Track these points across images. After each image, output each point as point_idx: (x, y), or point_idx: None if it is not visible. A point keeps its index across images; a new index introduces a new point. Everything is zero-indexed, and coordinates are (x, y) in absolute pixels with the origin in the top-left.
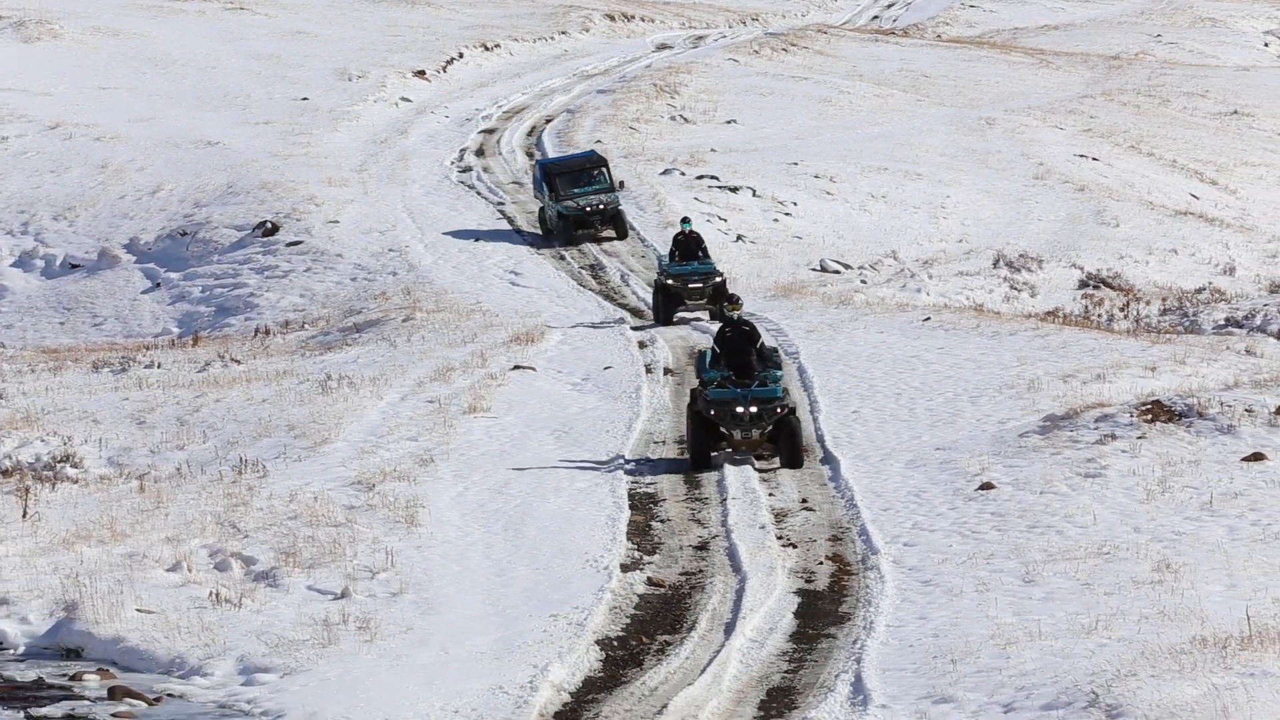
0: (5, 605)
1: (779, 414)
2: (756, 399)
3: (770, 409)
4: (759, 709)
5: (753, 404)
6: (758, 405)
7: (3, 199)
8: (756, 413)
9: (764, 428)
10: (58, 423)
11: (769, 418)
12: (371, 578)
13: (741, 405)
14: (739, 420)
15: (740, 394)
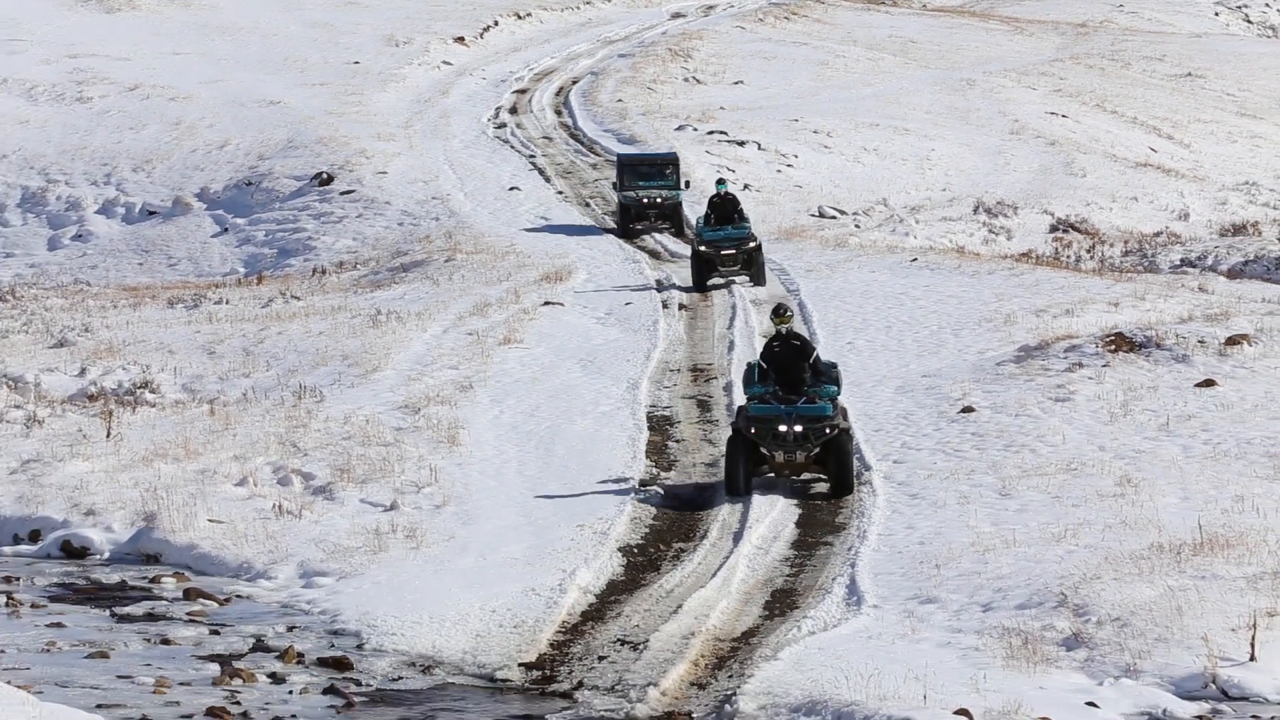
0: (92, 516)
1: (827, 434)
2: (802, 417)
3: (818, 429)
4: (764, 609)
5: (797, 422)
6: (803, 424)
7: (88, 153)
8: (801, 432)
9: (810, 449)
10: (137, 353)
11: (815, 438)
12: (417, 492)
13: (785, 423)
14: (781, 440)
15: (784, 411)
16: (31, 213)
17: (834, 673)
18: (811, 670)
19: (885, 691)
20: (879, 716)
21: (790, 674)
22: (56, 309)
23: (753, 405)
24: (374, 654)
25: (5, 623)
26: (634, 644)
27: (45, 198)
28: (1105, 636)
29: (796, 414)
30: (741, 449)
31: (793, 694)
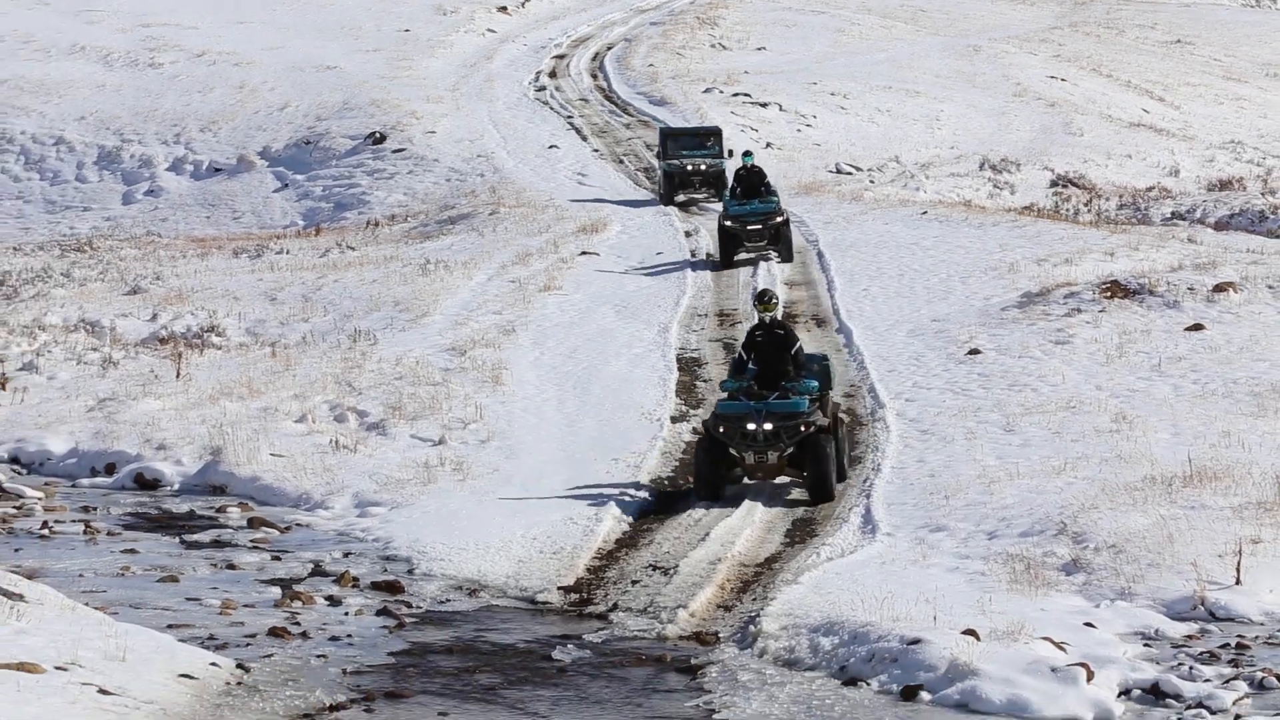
0: (163, 450)
1: (802, 433)
2: (773, 414)
3: (791, 427)
4: (785, 536)
5: (767, 420)
6: (774, 422)
7: (159, 115)
8: (772, 431)
9: (782, 450)
10: (205, 299)
11: (788, 438)
12: (464, 428)
13: (754, 421)
14: (750, 440)
15: (753, 408)
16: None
17: (850, 596)
18: (830, 593)
19: (898, 613)
20: (892, 636)
21: (810, 597)
22: (130, 259)
23: (721, 403)
24: (423, 578)
25: (84, 549)
26: (664, 569)
27: (120, 156)
28: (1102, 562)
29: (767, 410)
30: (711, 451)
31: (812, 615)
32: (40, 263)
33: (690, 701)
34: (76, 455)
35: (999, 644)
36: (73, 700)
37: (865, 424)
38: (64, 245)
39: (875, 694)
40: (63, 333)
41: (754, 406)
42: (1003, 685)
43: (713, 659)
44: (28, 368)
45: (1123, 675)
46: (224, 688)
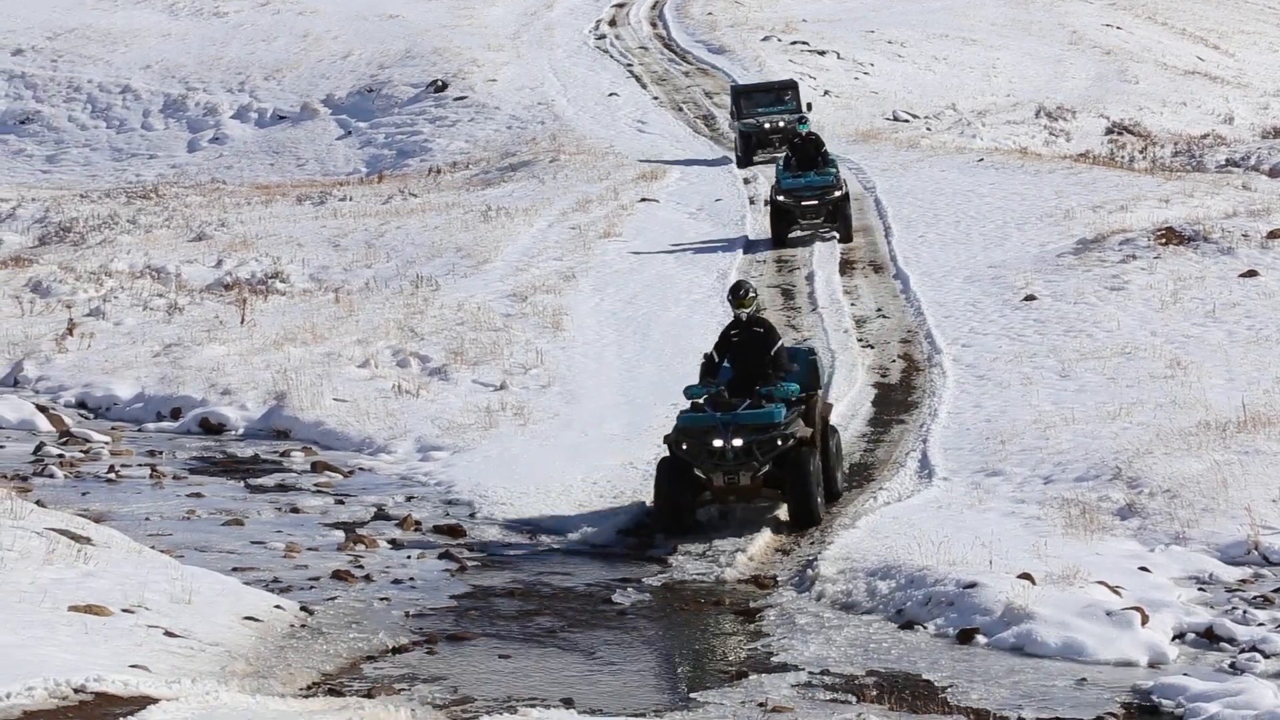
0: (228, 395)
1: (778, 448)
2: (742, 427)
3: (765, 441)
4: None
5: (737, 434)
6: (745, 436)
7: (224, 63)
8: (742, 447)
9: (756, 469)
10: (269, 246)
11: (763, 454)
12: (524, 373)
13: (720, 437)
14: (717, 458)
15: (720, 420)
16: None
17: (907, 540)
18: (886, 537)
19: (954, 557)
20: (948, 580)
21: (867, 541)
22: (195, 206)
23: (682, 414)
24: (485, 522)
25: (150, 493)
26: (723, 514)
27: (185, 104)
28: (1156, 507)
29: (735, 423)
30: (672, 473)
31: (869, 559)
32: (107, 210)
33: (748, 645)
34: (143, 400)
35: (1054, 588)
36: (139, 642)
37: (921, 369)
38: (130, 192)
39: (932, 637)
40: (129, 279)
41: (721, 418)
42: (1058, 629)
43: (771, 602)
44: (95, 314)
45: (1177, 619)
46: (288, 630)
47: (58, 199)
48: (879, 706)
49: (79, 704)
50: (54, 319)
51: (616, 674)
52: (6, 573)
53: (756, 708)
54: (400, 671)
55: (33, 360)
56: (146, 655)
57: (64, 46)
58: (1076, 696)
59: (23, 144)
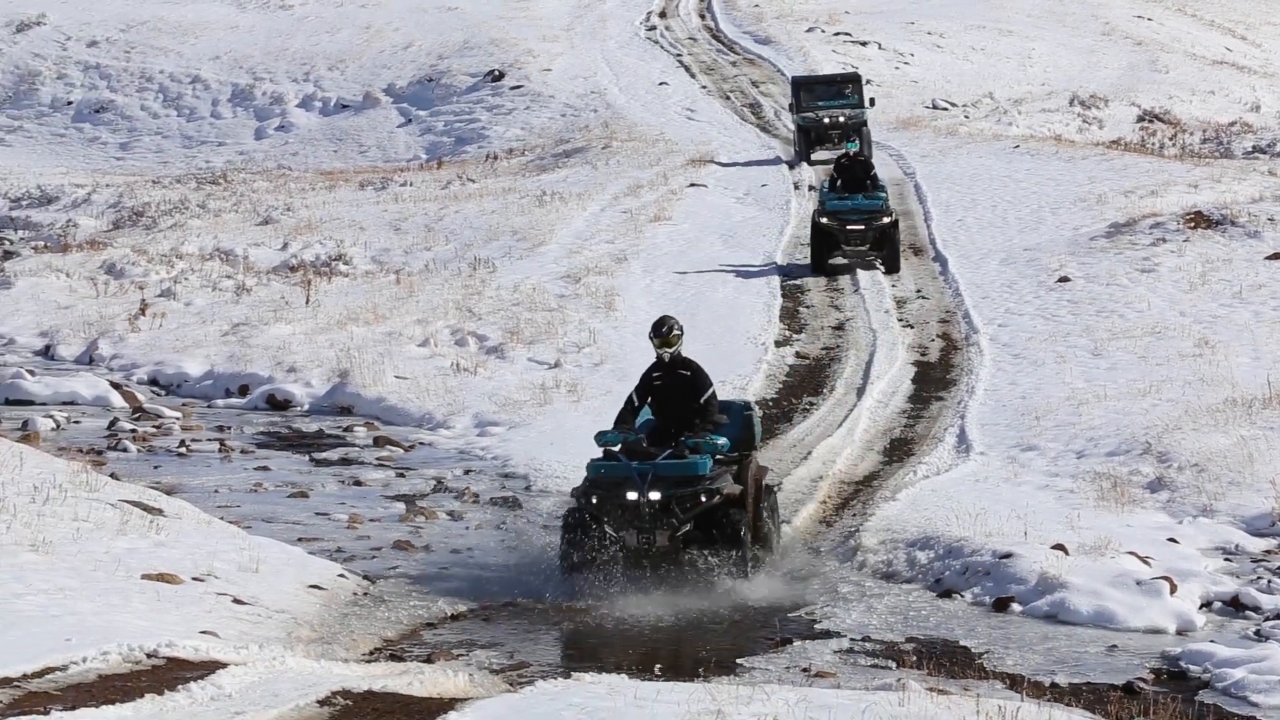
0: (294, 372)
1: (701, 505)
2: (661, 479)
3: (687, 496)
4: (883, 455)
5: (654, 487)
6: (663, 490)
7: (289, 54)
8: (661, 503)
9: (674, 529)
10: (332, 229)
11: (685, 510)
12: (578, 351)
13: (635, 489)
14: (630, 514)
15: (636, 470)
16: (240, 107)
17: (945, 512)
18: (925, 509)
19: (991, 529)
20: (985, 550)
21: (907, 513)
22: (262, 191)
23: (593, 462)
24: (540, 494)
25: (219, 466)
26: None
27: (252, 94)
28: (1185, 480)
29: (653, 473)
30: (579, 530)
31: (909, 530)
32: (178, 195)
33: (793, 612)
34: (212, 377)
35: (1086, 558)
36: (209, 609)
37: (959, 348)
38: (200, 178)
39: (969, 605)
40: (199, 261)
41: (637, 468)
42: (1090, 597)
43: (814, 571)
44: (166, 294)
45: (1204, 588)
46: (351, 598)
47: (131, 185)
48: (918, 672)
49: (151, 668)
50: (127, 300)
51: (665, 640)
52: (83, 543)
53: (800, 673)
54: (458, 637)
55: (107, 339)
56: (216, 622)
57: (137, 38)
58: (1107, 662)
59: (97, 132)
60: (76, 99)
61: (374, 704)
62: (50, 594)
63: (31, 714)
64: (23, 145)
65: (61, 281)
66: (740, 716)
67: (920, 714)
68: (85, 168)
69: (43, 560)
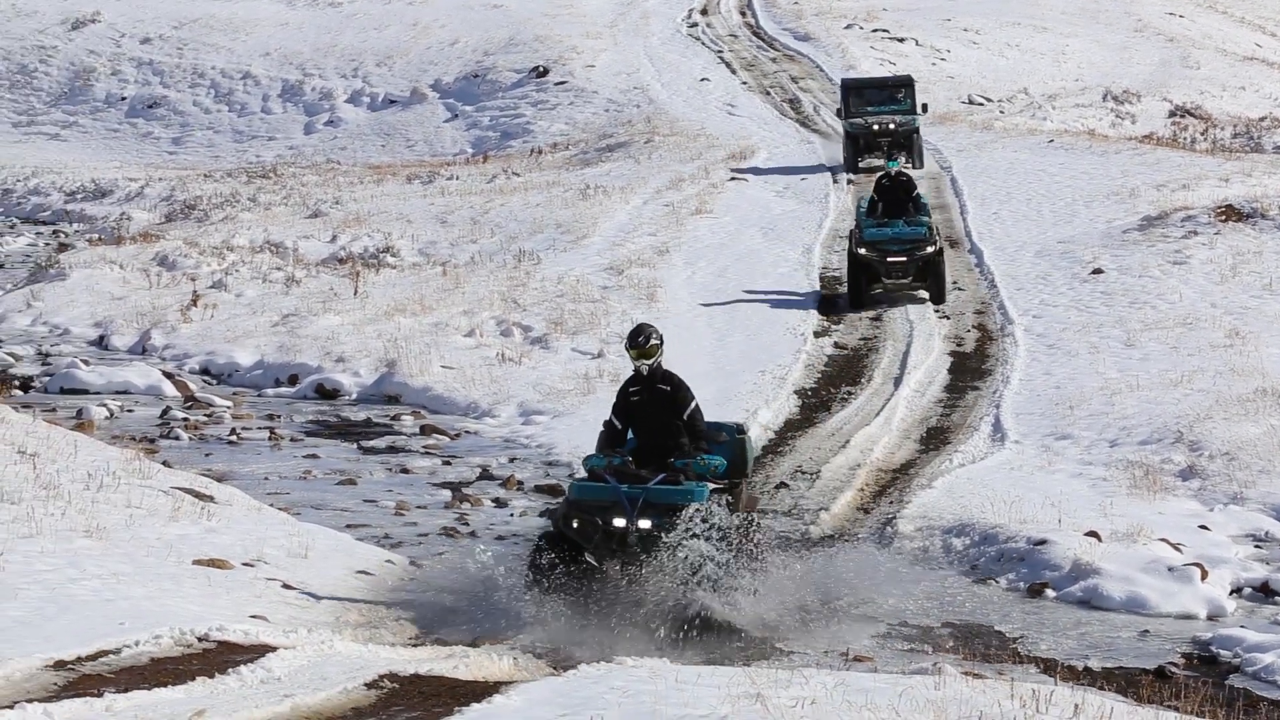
0: (342, 362)
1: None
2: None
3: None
4: (920, 444)
5: (644, 514)
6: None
7: (338, 51)
8: (649, 531)
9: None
10: (380, 222)
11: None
12: (621, 341)
13: (624, 515)
14: (615, 542)
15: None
16: (290, 102)
17: (981, 499)
18: (961, 497)
19: (1025, 516)
20: (1020, 537)
21: (943, 500)
22: (311, 185)
23: (576, 484)
24: None
25: (269, 454)
26: (808, 474)
27: (302, 89)
28: (1216, 469)
29: (645, 499)
30: (556, 556)
31: (945, 517)
32: (229, 188)
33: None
34: (262, 367)
35: (1119, 545)
36: (259, 594)
37: (995, 338)
38: (250, 172)
39: (1004, 591)
40: (249, 253)
41: (627, 492)
42: (1122, 583)
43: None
44: (217, 286)
45: (1235, 574)
46: (398, 583)
47: (183, 178)
48: (954, 656)
49: (203, 651)
50: (179, 291)
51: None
52: (135, 529)
53: (839, 656)
54: (504, 622)
55: (160, 329)
56: (265, 606)
57: (189, 35)
58: (1140, 647)
59: (150, 127)
60: (130, 95)
61: (420, 687)
62: (104, 579)
63: (86, 696)
64: (78, 140)
65: (115, 273)
66: (779, 699)
67: (956, 697)
68: (139, 162)
69: (97, 546)
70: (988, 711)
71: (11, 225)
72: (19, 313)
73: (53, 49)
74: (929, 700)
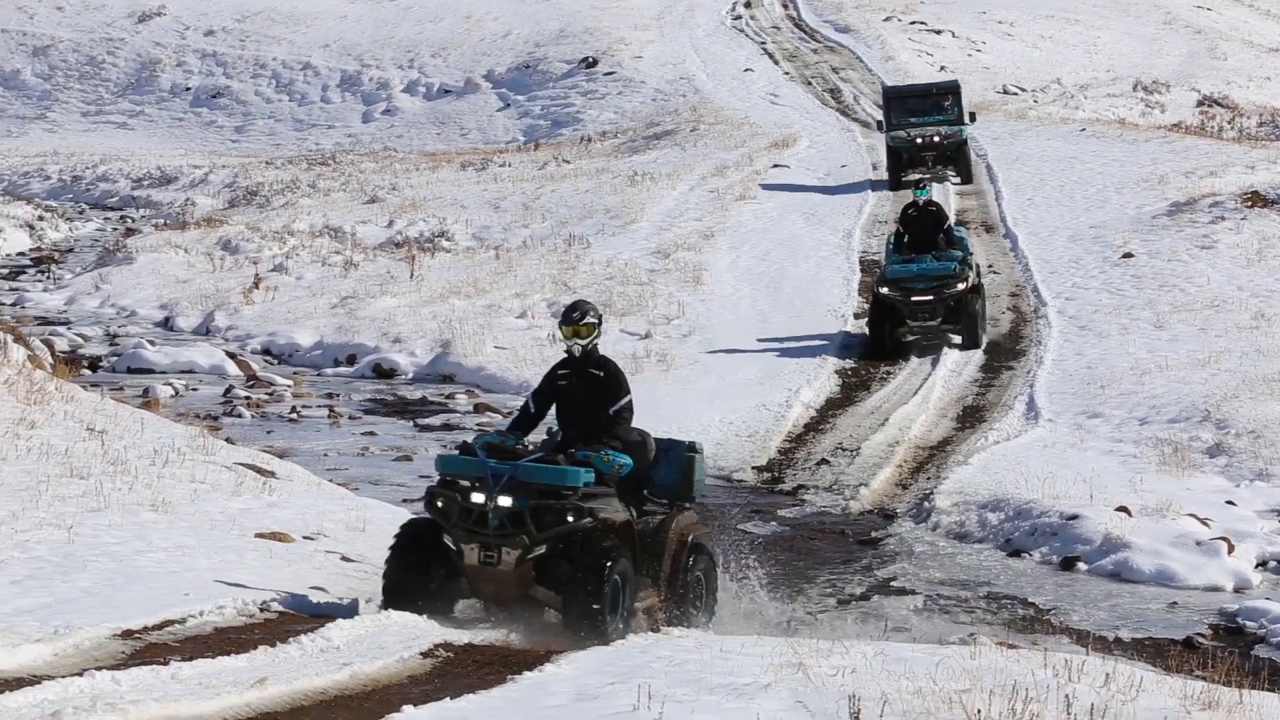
0: (399, 343)
1: (565, 525)
2: (521, 485)
3: (545, 510)
4: (956, 421)
5: (509, 492)
6: (518, 498)
7: (395, 42)
8: (510, 510)
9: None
10: (435, 207)
11: (540, 527)
12: (667, 323)
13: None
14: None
15: (491, 467)
16: (349, 92)
17: (1015, 476)
18: (996, 473)
19: (1058, 491)
20: (1053, 512)
21: (978, 476)
22: (369, 171)
23: (441, 457)
24: None
25: (328, 431)
26: (848, 451)
27: (360, 79)
28: (1242, 446)
29: (512, 477)
30: (408, 543)
31: (980, 493)
32: (289, 175)
33: (871, 570)
34: (321, 347)
35: (1149, 520)
36: (318, 566)
37: (1029, 320)
38: (310, 159)
39: (1037, 564)
40: (309, 238)
41: (493, 468)
42: (1152, 557)
43: (891, 532)
44: (278, 269)
45: (1260, 548)
46: None
47: (245, 166)
48: (988, 626)
49: (264, 621)
50: (242, 274)
51: (752, 597)
52: (200, 503)
53: (878, 627)
54: None
55: (223, 311)
56: (325, 578)
57: (251, 28)
58: (1168, 618)
59: (214, 116)
60: (194, 85)
61: (474, 656)
62: (169, 551)
63: (152, 664)
64: (144, 129)
65: (180, 257)
66: (820, 668)
67: (991, 667)
68: (202, 150)
69: (162, 519)
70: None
71: (80, 211)
72: (88, 295)
73: (120, 41)
74: (965, 669)
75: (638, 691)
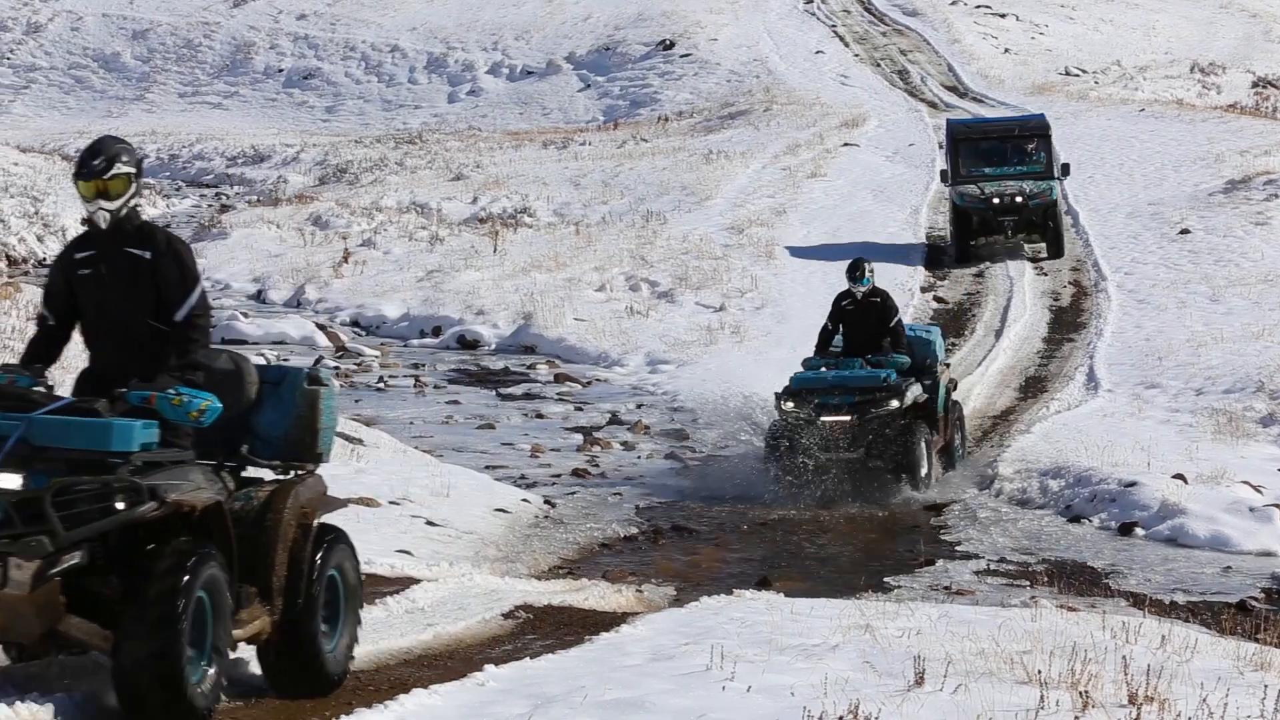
0: (482, 315)
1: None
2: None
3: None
4: (1018, 391)
5: (9, 469)
6: None
7: (480, 25)
8: (17, 494)
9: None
10: (518, 185)
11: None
12: (741, 296)
13: None
14: None
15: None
16: (435, 73)
17: (1075, 444)
18: (1057, 442)
19: (1117, 459)
20: (1111, 479)
21: (1040, 445)
22: (454, 150)
23: None
24: (706, 427)
25: (414, 400)
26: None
27: (446, 61)
28: None
29: (26, 437)
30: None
31: (1042, 460)
32: (378, 153)
33: (936, 536)
34: (408, 319)
35: (1204, 487)
36: (404, 530)
37: (1089, 294)
38: (397, 138)
39: (1096, 530)
40: (396, 214)
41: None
42: (1207, 522)
43: (955, 499)
44: (367, 244)
45: None
46: (533, 520)
47: (335, 144)
48: (1049, 590)
49: None
50: (331, 249)
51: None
52: None
53: (942, 590)
54: (631, 558)
55: (313, 284)
56: (410, 542)
57: (341, 12)
58: (1222, 582)
59: (305, 97)
60: (287, 67)
61: (553, 617)
62: None
63: None
64: (238, 109)
65: (272, 232)
66: (886, 630)
67: (1051, 629)
68: (294, 129)
69: None
70: (1080, 641)
71: (177, 188)
72: None
73: (215, 25)
74: (1026, 631)
75: (711, 652)
